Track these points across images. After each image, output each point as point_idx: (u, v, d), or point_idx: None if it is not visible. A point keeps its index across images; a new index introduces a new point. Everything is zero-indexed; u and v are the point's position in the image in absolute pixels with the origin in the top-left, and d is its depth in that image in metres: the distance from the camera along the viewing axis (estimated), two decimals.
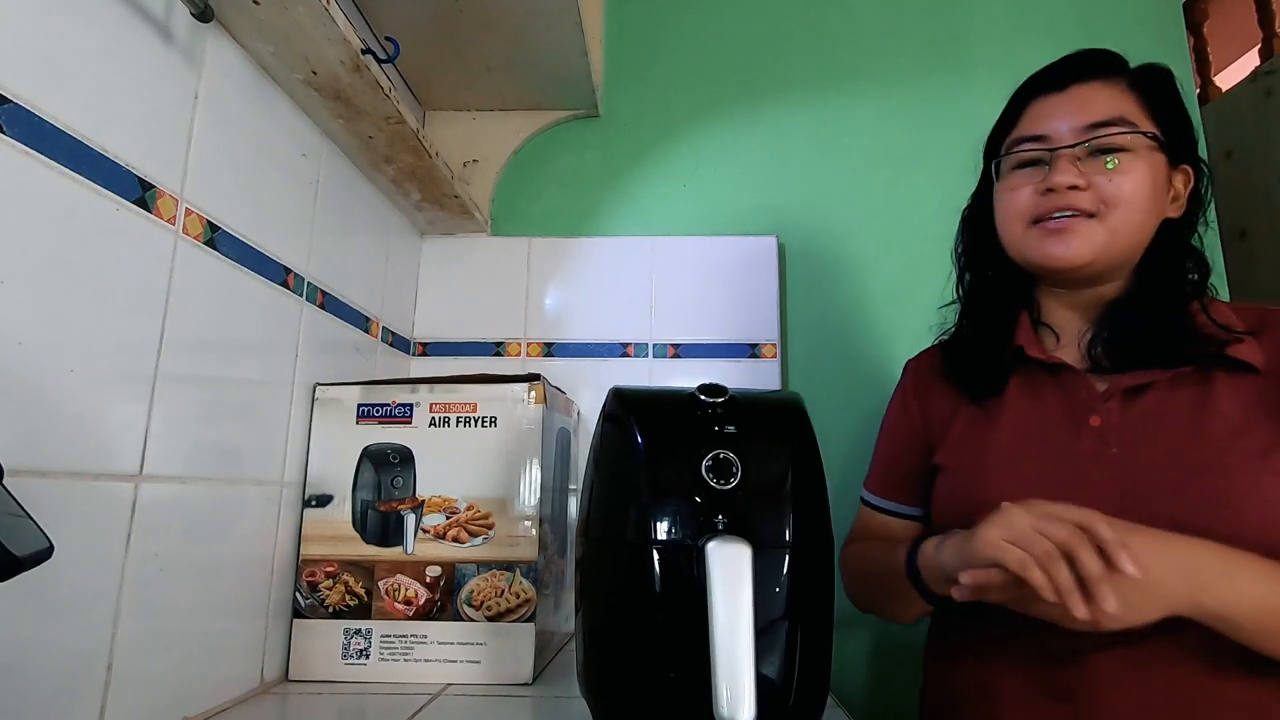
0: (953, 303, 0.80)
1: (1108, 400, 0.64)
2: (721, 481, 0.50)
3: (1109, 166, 0.64)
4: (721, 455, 0.50)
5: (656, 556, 0.49)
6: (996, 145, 0.73)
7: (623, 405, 0.56)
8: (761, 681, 0.44)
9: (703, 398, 0.54)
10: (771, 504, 0.51)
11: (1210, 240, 1.13)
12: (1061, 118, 0.66)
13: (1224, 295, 1.12)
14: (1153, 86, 0.67)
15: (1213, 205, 0.68)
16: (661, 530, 0.50)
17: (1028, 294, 0.74)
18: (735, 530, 0.48)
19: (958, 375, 0.74)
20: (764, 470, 0.51)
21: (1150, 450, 0.53)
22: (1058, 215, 0.65)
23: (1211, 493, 0.54)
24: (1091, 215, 0.64)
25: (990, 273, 0.76)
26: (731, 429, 0.52)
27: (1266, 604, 0.52)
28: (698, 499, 0.50)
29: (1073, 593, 0.49)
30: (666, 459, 0.52)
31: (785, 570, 0.50)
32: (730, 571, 0.45)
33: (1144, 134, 0.64)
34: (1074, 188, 0.64)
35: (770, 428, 0.54)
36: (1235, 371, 0.61)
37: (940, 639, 0.74)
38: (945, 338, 0.80)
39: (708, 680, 0.43)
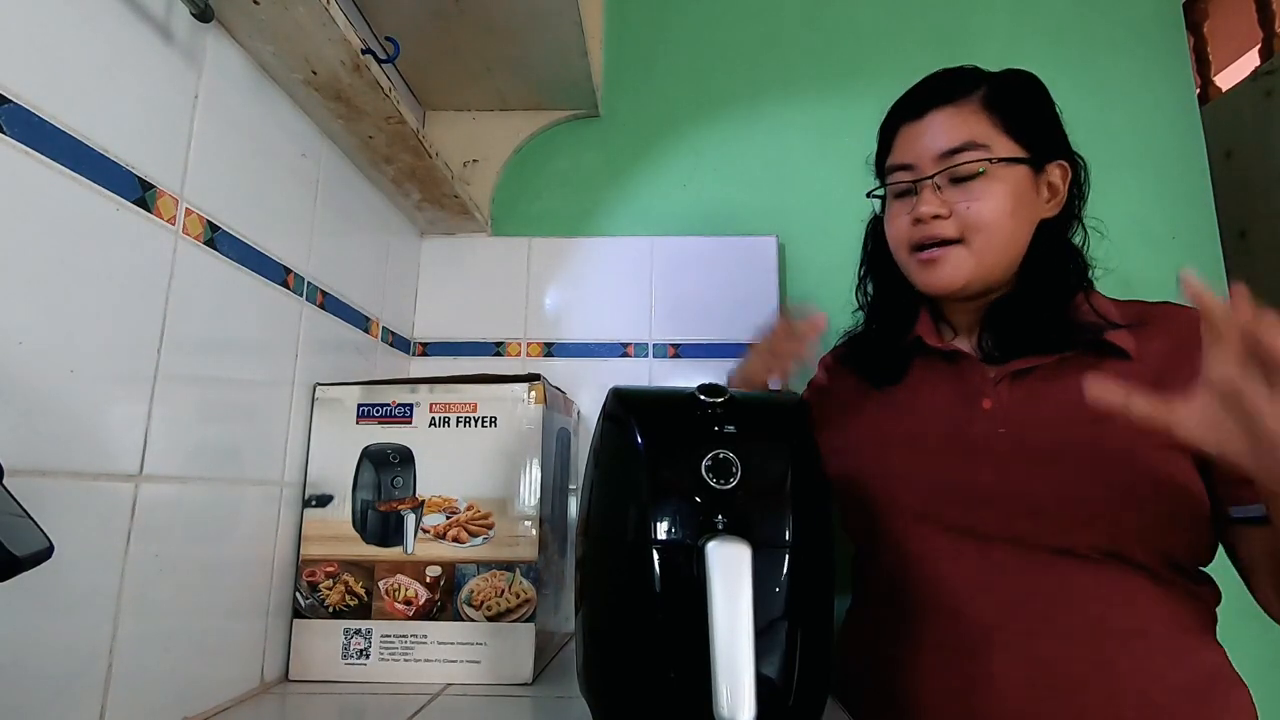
0: (860, 309, 0.84)
1: (998, 384, 0.68)
2: (721, 481, 0.50)
3: (964, 187, 0.68)
4: (721, 455, 0.50)
5: (656, 556, 0.49)
6: (881, 168, 0.78)
7: (623, 405, 0.56)
8: (761, 681, 0.44)
9: (703, 398, 0.54)
10: (771, 504, 0.51)
11: (1209, 240, 1.13)
12: (921, 147, 0.70)
13: (1223, 295, 1.11)
14: (1008, 97, 0.70)
15: (1214, 205, 0.69)
16: (661, 530, 0.50)
17: (925, 297, 0.78)
18: (735, 530, 0.48)
19: (862, 364, 0.79)
20: (764, 470, 0.51)
21: (1033, 425, 0.57)
22: (928, 245, 0.70)
23: (1087, 464, 0.55)
24: (958, 241, 0.68)
25: (891, 279, 0.80)
26: (731, 429, 0.52)
27: None
28: (697, 499, 0.50)
29: None
30: (666, 459, 0.52)
31: (785, 570, 0.49)
32: (730, 571, 0.45)
33: (993, 160, 0.67)
34: (937, 217, 0.68)
35: (770, 428, 0.54)
36: (1111, 357, 0.66)
37: (855, 628, 0.76)
38: (854, 332, 0.85)
39: (708, 680, 0.43)
